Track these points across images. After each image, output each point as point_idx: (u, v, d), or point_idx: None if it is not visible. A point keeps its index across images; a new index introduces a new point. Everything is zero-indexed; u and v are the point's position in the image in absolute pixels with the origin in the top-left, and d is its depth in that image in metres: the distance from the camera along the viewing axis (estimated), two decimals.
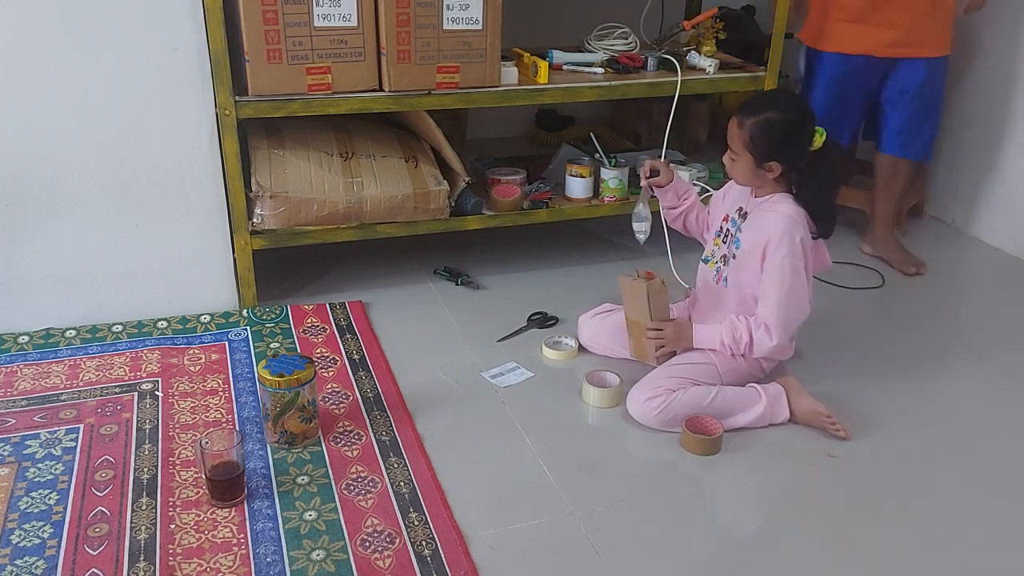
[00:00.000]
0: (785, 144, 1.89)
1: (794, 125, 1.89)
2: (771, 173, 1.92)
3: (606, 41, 2.73)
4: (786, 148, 1.89)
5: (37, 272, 2.20)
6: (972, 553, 1.64)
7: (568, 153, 2.90)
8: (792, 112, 1.90)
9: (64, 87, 2.07)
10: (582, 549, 1.61)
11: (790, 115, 1.89)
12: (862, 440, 1.94)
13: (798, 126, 1.89)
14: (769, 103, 1.92)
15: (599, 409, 2.02)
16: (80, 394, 1.99)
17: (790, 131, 1.89)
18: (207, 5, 2.08)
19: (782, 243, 1.89)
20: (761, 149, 1.89)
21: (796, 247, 1.90)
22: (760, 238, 1.93)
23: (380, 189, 2.39)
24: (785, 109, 1.90)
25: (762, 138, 1.88)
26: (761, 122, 1.88)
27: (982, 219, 3.11)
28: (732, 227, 2.04)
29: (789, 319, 1.94)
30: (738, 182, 2.02)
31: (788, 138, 1.89)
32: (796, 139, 1.89)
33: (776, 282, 1.91)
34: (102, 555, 1.54)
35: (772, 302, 1.93)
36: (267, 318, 2.36)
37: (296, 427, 1.82)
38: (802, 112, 1.92)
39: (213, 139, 2.22)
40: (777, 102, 1.93)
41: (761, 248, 1.93)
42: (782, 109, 1.89)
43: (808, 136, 1.89)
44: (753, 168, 1.92)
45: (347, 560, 1.54)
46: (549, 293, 2.56)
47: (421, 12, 2.23)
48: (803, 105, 1.96)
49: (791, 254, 1.89)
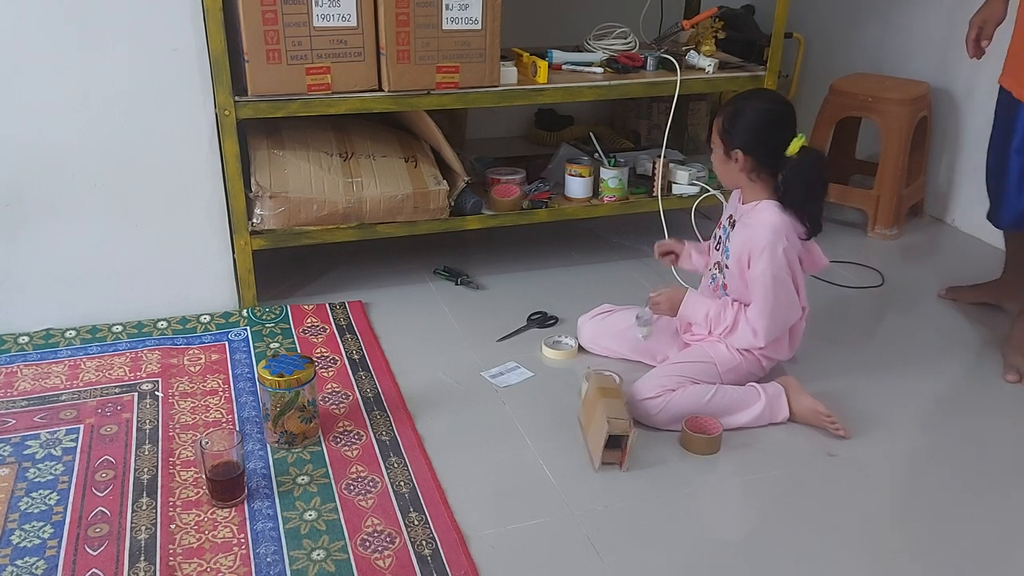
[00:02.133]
0: (750, 133, 1.91)
1: (762, 116, 1.91)
2: (736, 164, 1.94)
3: (605, 41, 2.73)
4: (750, 137, 1.91)
5: (37, 272, 2.20)
6: (972, 552, 1.64)
7: (567, 153, 2.90)
8: (765, 103, 1.94)
9: (64, 87, 2.07)
10: (582, 549, 1.61)
11: (761, 105, 1.93)
12: (862, 439, 1.94)
13: (767, 118, 1.91)
14: (748, 95, 1.96)
15: None
16: (80, 394, 1.99)
17: (757, 121, 1.91)
18: (207, 5, 2.08)
19: (763, 255, 1.91)
20: (729, 136, 1.92)
21: (777, 258, 1.91)
22: (744, 247, 1.95)
23: (380, 189, 2.39)
24: (760, 100, 1.95)
25: (730, 125, 1.92)
26: (732, 110, 1.92)
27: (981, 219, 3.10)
28: (723, 235, 2.06)
29: (775, 323, 1.96)
30: (719, 177, 2.05)
31: (754, 128, 1.91)
32: (763, 131, 1.91)
33: (759, 292, 1.94)
34: (102, 555, 1.54)
35: (757, 309, 1.96)
36: (267, 318, 2.36)
37: (296, 427, 1.82)
38: (775, 107, 1.94)
39: (213, 139, 2.22)
40: (755, 95, 1.99)
41: (746, 257, 1.95)
42: (756, 100, 1.94)
43: (779, 133, 1.90)
44: (722, 157, 1.96)
45: (347, 560, 1.54)
46: (549, 293, 2.56)
47: (421, 12, 2.23)
48: (780, 102, 1.97)
49: (771, 266, 1.91)
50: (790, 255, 1.92)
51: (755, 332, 1.96)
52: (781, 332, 2.00)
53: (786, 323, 1.99)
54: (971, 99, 3.09)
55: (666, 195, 2.71)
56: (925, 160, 3.21)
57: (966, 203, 3.15)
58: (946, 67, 3.16)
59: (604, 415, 1.77)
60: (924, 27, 3.25)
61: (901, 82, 3.14)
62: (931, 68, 3.21)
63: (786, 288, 1.94)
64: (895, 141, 2.99)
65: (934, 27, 3.21)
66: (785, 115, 1.93)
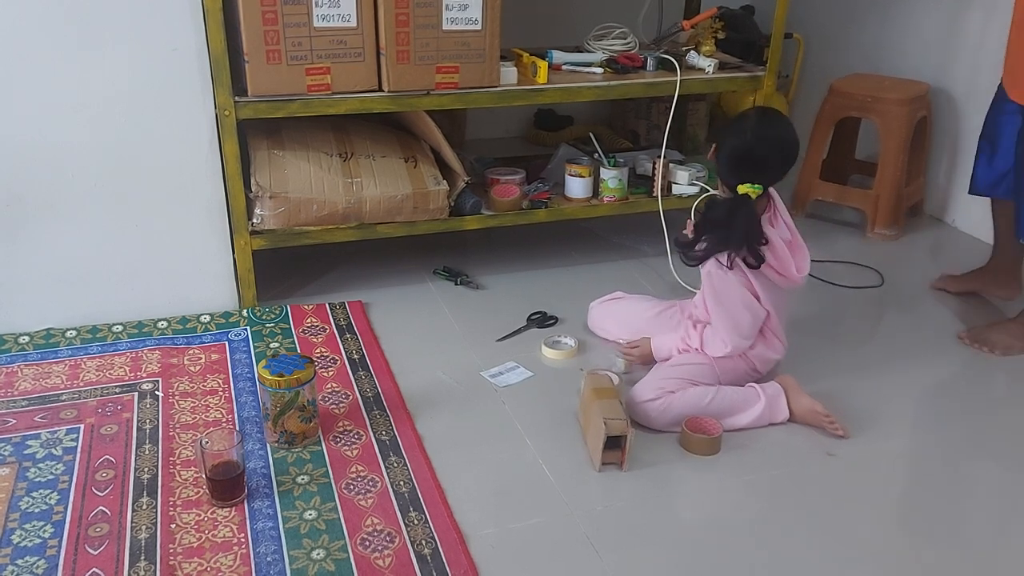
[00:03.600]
0: (721, 165, 1.95)
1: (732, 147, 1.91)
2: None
3: (605, 41, 2.74)
4: (721, 169, 1.96)
5: (37, 272, 2.20)
6: (972, 552, 1.64)
7: (567, 153, 2.90)
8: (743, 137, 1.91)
9: (64, 87, 2.07)
10: (582, 549, 1.61)
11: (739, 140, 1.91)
12: (861, 439, 1.94)
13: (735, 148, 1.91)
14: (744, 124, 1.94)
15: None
16: (80, 394, 2.00)
17: (729, 150, 1.92)
18: (207, 5, 2.08)
19: (705, 277, 1.97)
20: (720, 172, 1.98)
21: (713, 274, 1.94)
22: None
23: (379, 189, 2.39)
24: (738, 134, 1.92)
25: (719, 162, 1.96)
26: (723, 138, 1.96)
27: (981, 219, 3.11)
28: None
29: (734, 324, 1.98)
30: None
31: (725, 155, 1.93)
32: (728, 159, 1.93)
33: (708, 293, 1.98)
34: (102, 555, 1.54)
35: (712, 313, 2.00)
36: (267, 318, 2.36)
37: (296, 427, 1.82)
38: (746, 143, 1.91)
39: (213, 139, 2.22)
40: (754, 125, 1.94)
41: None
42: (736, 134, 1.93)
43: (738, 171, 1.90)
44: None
45: (347, 559, 1.54)
46: (549, 293, 2.56)
47: (420, 12, 2.23)
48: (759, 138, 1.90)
49: (714, 264, 1.93)
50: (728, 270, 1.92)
51: (724, 342, 2.00)
52: (747, 332, 2.00)
53: (746, 321, 1.98)
54: (971, 99, 3.09)
55: (666, 195, 2.71)
56: (925, 160, 3.22)
57: (966, 203, 3.15)
58: (946, 67, 3.17)
59: (601, 416, 1.77)
60: (924, 27, 3.25)
61: (900, 82, 3.14)
62: (931, 68, 3.21)
63: (731, 286, 1.94)
64: (894, 141, 2.99)
65: (934, 27, 3.21)
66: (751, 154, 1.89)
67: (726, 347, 2.00)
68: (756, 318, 1.99)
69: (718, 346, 2.01)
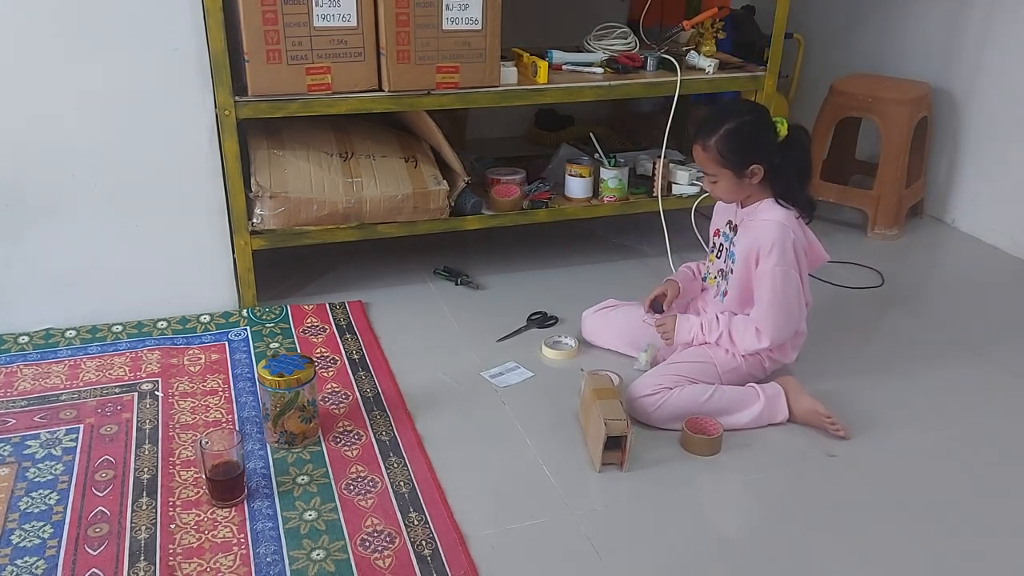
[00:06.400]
0: (756, 144, 1.92)
1: (755, 124, 1.92)
2: (755, 177, 1.94)
3: (605, 41, 2.73)
4: (759, 148, 1.92)
5: (37, 272, 2.20)
6: (972, 552, 1.64)
7: (567, 153, 2.90)
8: (747, 114, 1.94)
9: (64, 87, 2.07)
10: (582, 549, 1.61)
11: (746, 117, 1.93)
12: (861, 440, 1.94)
13: (758, 123, 1.93)
14: (721, 116, 1.94)
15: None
16: (80, 394, 1.99)
17: (754, 131, 1.92)
18: (207, 5, 2.08)
19: (773, 252, 1.91)
20: (736, 159, 1.91)
21: (787, 255, 1.92)
22: (752, 247, 1.96)
23: (380, 189, 2.39)
24: (739, 114, 1.94)
25: (733, 149, 1.91)
26: (724, 135, 1.91)
27: (981, 219, 3.12)
28: (725, 241, 2.07)
29: (780, 323, 1.96)
30: (726, 200, 2.04)
31: (756, 138, 1.92)
32: (763, 136, 1.92)
33: (767, 289, 1.94)
34: (102, 555, 1.54)
35: (763, 307, 1.96)
36: (267, 318, 2.36)
37: (296, 427, 1.82)
38: (755, 110, 1.98)
39: (213, 139, 2.22)
40: (728, 111, 1.99)
41: (754, 256, 1.95)
42: (736, 115, 1.93)
43: (772, 129, 1.92)
44: (736, 181, 1.95)
45: (347, 560, 1.54)
46: (549, 293, 2.56)
47: (421, 12, 2.23)
48: (752, 104, 2.01)
49: (782, 262, 1.92)
50: (797, 248, 1.93)
51: (759, 332, 1.96)
52: (789, 332, 2.00)
53: (793, 322, 1.99)
54: (971, 99, 3.08)
55: (666, 195, 2.71)
56: (925, 160, 3.21)
57: (966, 203, 3.16)
58: (946, 67, 3.16)
59: (601, 417, 1.77)
60: (924, 27, 3.25)
61: (901, 82, 3.14)
62: (931, 68, 3.21)
63: (792, 286, 1.94)
64: (895, 141, 2.99)
65: (934, 27, 3.20)
66: (761, 110, 1.98)
67: (761, 342, 1.96)
68: (801, 315, 2.00)
69: (751, 341, 1.97)
